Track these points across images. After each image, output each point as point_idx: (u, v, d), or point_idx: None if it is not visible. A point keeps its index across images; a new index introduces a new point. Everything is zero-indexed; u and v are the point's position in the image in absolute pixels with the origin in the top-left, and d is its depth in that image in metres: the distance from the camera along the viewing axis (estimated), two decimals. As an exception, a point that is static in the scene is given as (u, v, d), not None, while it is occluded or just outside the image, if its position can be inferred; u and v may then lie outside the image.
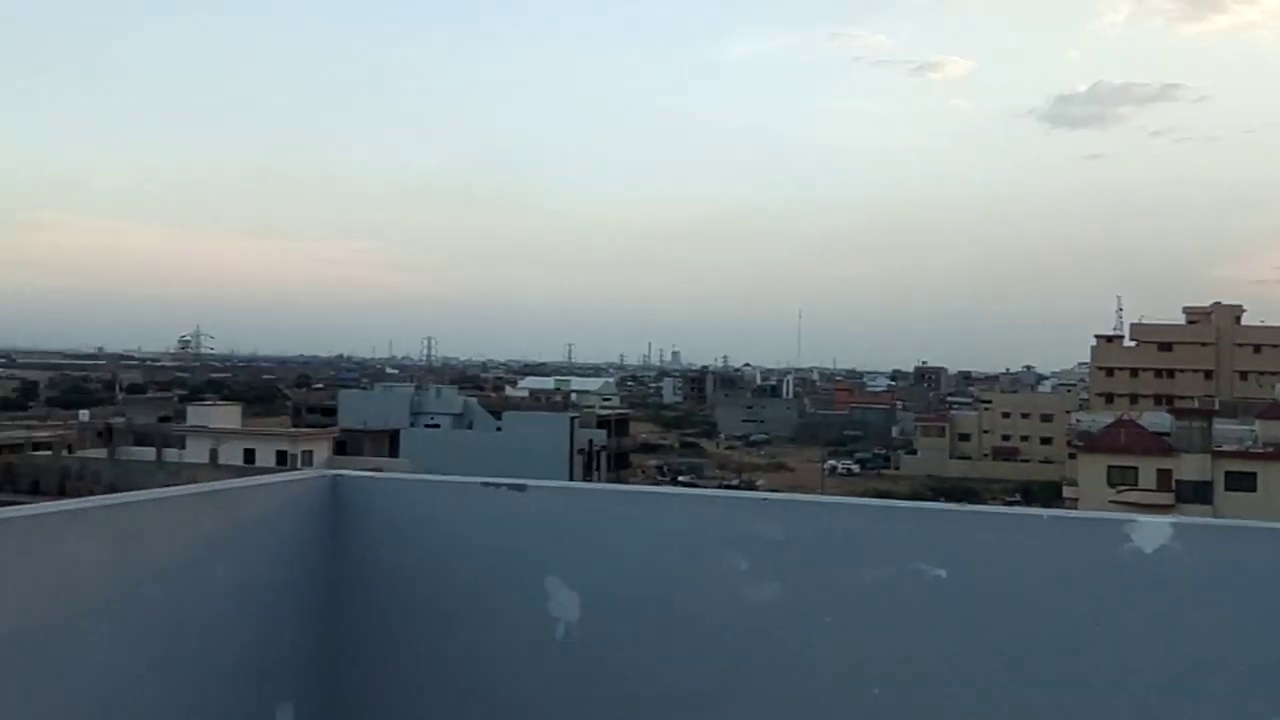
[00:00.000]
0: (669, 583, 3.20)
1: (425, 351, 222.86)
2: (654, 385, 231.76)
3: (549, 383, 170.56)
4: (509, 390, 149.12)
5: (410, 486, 3.50)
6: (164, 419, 73.63)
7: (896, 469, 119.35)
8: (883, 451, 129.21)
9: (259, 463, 60.69)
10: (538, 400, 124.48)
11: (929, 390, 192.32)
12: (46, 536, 2.61)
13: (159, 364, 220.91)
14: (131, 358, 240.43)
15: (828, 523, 3.16)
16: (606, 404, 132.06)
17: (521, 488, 3.36)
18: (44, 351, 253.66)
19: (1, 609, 2.47)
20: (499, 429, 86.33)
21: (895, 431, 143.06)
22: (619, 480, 77.17)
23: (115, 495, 2.84)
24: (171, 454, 59.01)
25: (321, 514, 3.41)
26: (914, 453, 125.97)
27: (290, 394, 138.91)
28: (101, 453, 60.49)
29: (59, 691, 2.61)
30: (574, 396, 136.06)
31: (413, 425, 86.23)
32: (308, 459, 63.48)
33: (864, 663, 3.04)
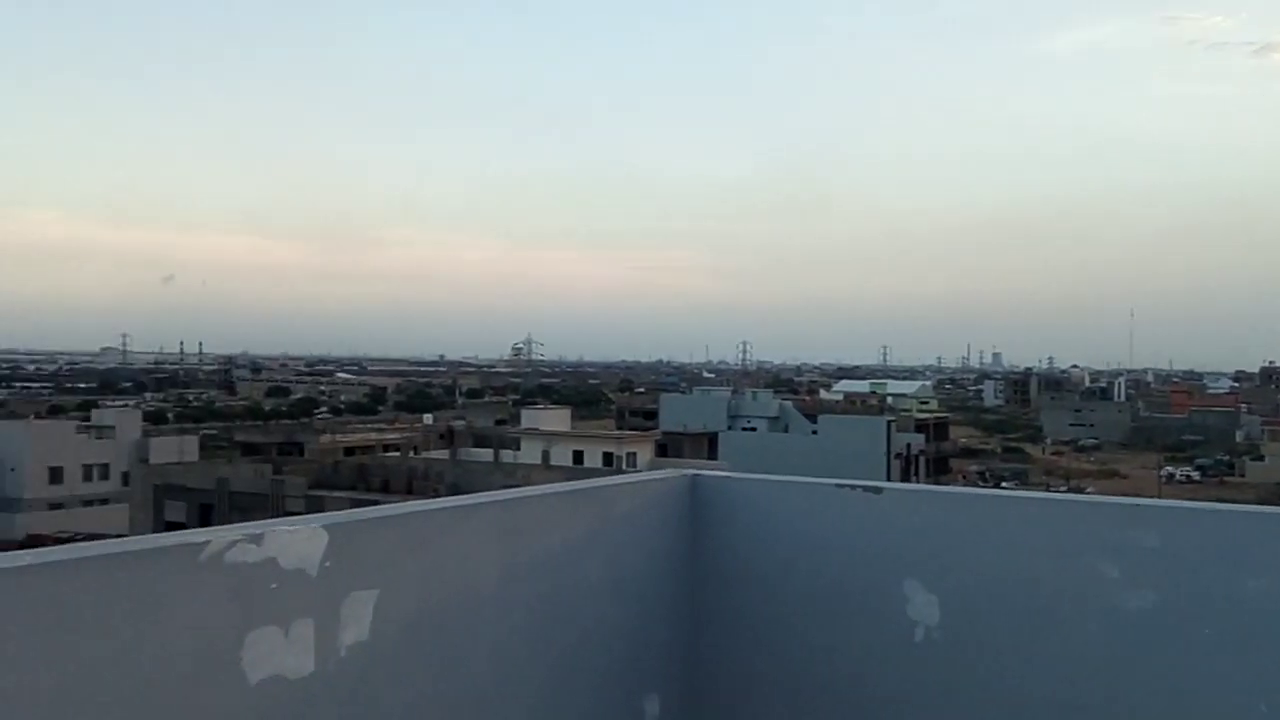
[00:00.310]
0: (1033, 588, 3.12)
1: (741, 355, 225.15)
2: (974, 388, 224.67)
3: (864, 386, 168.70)
4: (823, 394, 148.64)
5: (765, 487, 3.56)
6: (500, 422, 77.77)
7: (1241, 476, 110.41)
8: (1225, 457, 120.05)
9: (586, 464, 63.13)
10: (853, 404, 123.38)
11: (1277, 391, 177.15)
12: (442, 530, 2.82)
13: (494, 370, 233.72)
14: (469, 364, 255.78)
15: (1207, 530, 2.99)
16: (924, 407, 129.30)
17: (878, 490, 3.36)
18: (391, 359, 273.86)
19: (403, 599, 2.68)
20: (814, 432, 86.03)
21: (1239, 436, 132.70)
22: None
23: (501, 492, 3.04)
24: (507, 455, 62.29)
25: (682, 512, 3.53)
26: (1261, 458, 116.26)
27: (614, 398, 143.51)
28: (444, 453, 64.54)
29: (453, 677, 2.82)
30: (890, 400, 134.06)
31: (729, 428, 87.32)
32: (632, 460, 65.42)
33: (1250, 678, 2.87)
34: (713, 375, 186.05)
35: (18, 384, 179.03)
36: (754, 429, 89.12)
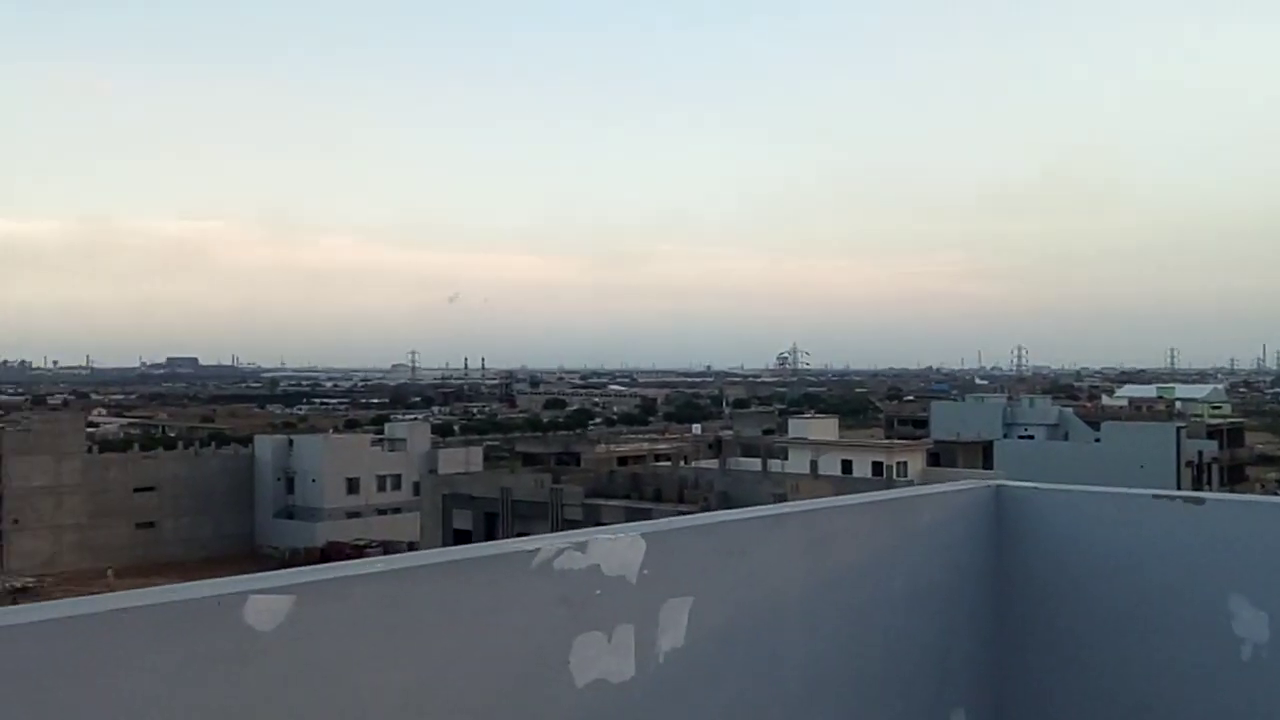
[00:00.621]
0: None
1: (1015, 361, 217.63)
2: (1270, 391, 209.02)
3: (1150, 391, 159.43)
4: (1105, 399, 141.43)
5: (1074, 498, 3.44)
6: (767, 431, 77.75)
7: None
8: None
9: (855, 473, 62.33)
10: (1138, 410, 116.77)
11: None
12: (752, 539, 2.87)
13: (760, 380, 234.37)
14: (735, 375, 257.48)
15: None
16: (1216, 412, 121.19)
17: (1199, 500, 3.20)
18: (660, 371, 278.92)
19: (717, 606, 2.74)
20: (1097, 440, 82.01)
21: None
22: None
23: (807, 502, 3.06)
24: (774, 464, 62.22)
25: (985, 524, 3.46)
26: None
27: (882, 406, 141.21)
28: (713, 463, 65.03)
29: (765, 684, 2.86)
30: (1179, 405, 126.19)
31: (1005, 436, 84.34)
32: (902, 470, 64.15)
33: None
34: (986, 382, 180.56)
35: (317, 399, 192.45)
36: (1031, 437, 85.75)
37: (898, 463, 66.06)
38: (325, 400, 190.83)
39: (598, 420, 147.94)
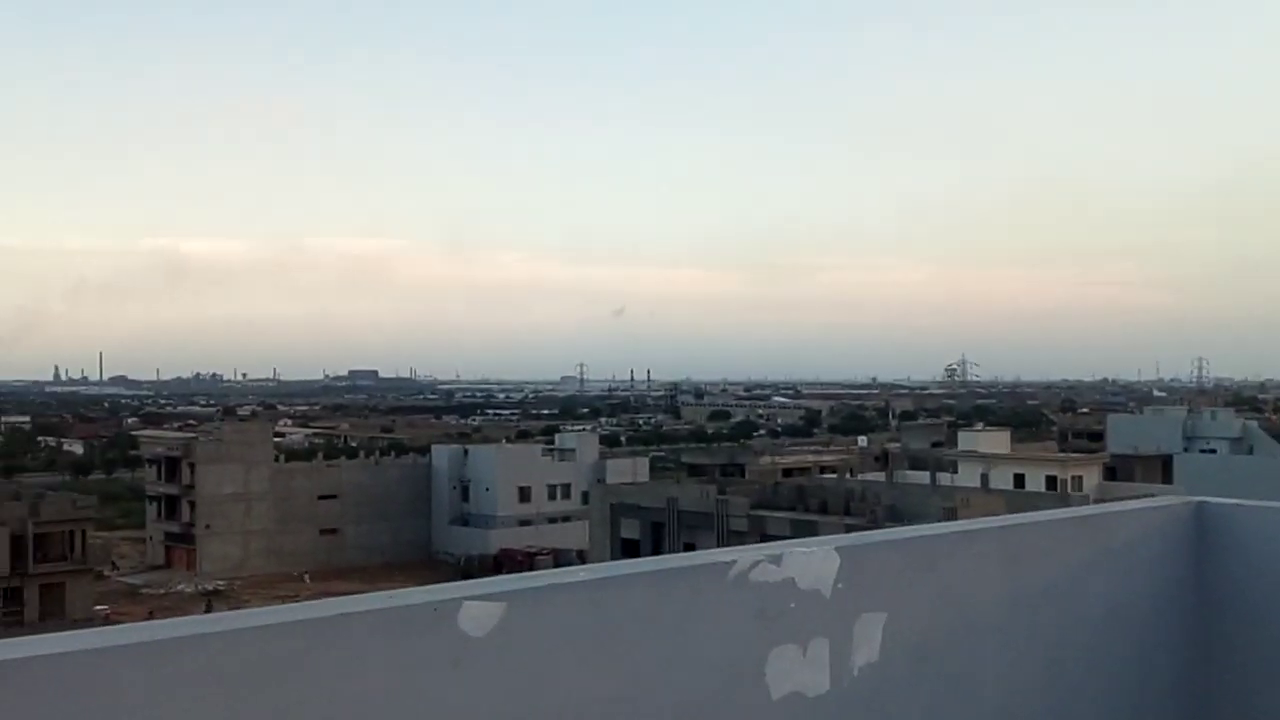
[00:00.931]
0: None
1: (1195, 372, 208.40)
2: None
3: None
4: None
5: None
6: (935, 444, 76.24)
7: None
8: None
9: (1028, 488, 60.61)
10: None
11: None
12: (946, 554, 2.85)
13: (927, 392, 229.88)
14: (902, 387, 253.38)
15: None
16: None
17: None
18: (825, 383, 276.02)
19: (911, 622, 2.73)
20: (1288, 454, 77.83)
21: None
22: None
23: (1002, 517, 3.03)
24: (944, 478, 60.96)
25: (1186, 541, 3.35)
26: None
27: (1055, 419, 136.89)
28: (879, 476, 64.10)
29: (960, 703, 2.84)
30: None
31: (1185, 450, 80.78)
32: (1077, 484, 62.16)
33: None
34: (1164, 394, 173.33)
35: (490, 411, 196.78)
36: (1213, 451, 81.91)
37: (1073, 477, 64.04)
38: (498, 411, 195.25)
39: (762, 432, 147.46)
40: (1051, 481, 63.25)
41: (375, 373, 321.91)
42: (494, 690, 2.10)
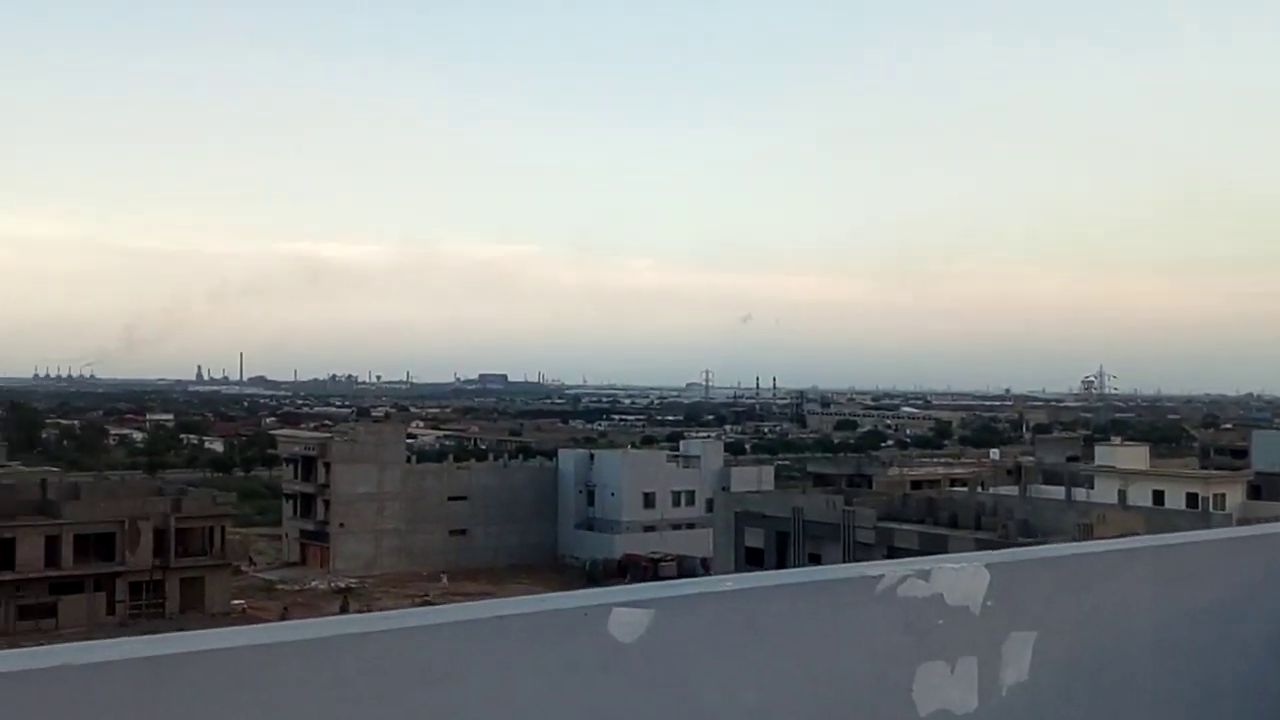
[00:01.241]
0: None
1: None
2: None
3: None
4: None
5: None
6: (1071, 458, 74.27)
7: None
8: None
9: (1168, 505, 58.66)
10: None
11: None
12: (1099, 573, 2.78)
13: (1062, 404, 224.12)
14: (1036, 398, 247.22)
15: None
16: None
17: None
18: (955, 393, 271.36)
19: (1061, 641, 2.68)
20: None
21: None
22: None
23: (1157, 536, 2.95)
24: (1079, 493, 59.34)
25: None
26: None
27: (1196, 434, 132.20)
28: (1012, 489, 62.68)
29: (1108, 722, 2.76)
30: None
31: (1338, 469, 77.13)
32: (1219, 502, 59.87)
33: None
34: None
35: (616, 416, 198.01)
36: (1370, 470, 78.11)
37: (1215, 494, 61.66)
38: (623, 417, 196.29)
39: (890, 442, 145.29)
40: (1192, 499, 61.03)
41: (504, 377, 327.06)
42: (641, 696, 2.12)
